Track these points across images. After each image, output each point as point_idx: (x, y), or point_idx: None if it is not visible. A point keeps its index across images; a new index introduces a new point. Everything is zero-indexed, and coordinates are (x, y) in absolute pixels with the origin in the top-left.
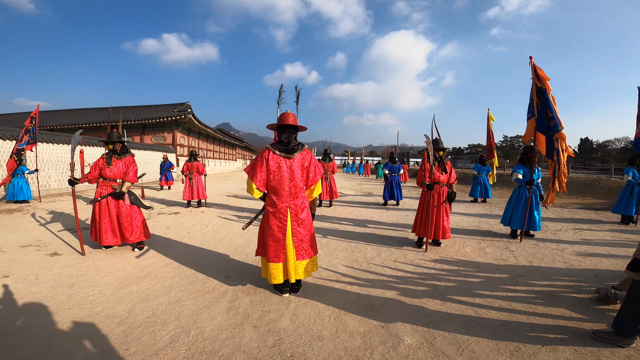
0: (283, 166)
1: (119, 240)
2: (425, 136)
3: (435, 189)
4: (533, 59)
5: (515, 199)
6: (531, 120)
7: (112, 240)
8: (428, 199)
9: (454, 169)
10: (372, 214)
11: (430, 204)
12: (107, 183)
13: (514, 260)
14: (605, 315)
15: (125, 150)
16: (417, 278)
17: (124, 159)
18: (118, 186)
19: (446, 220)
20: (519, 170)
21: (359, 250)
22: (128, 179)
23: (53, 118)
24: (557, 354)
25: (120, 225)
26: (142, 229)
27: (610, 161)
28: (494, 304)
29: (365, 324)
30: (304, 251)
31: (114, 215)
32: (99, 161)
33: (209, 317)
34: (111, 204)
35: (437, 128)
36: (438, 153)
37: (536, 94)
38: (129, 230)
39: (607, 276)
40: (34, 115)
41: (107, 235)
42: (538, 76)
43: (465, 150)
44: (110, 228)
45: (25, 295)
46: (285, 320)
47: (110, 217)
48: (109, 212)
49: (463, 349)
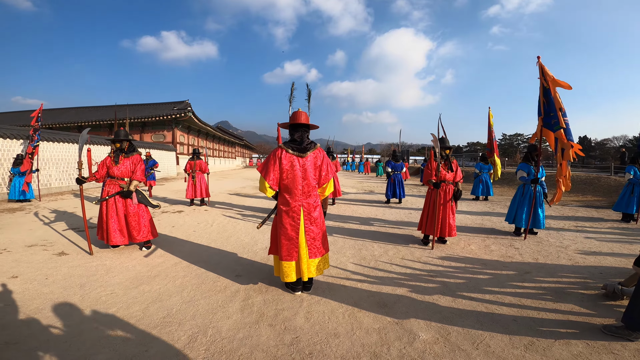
0: (296, 165)
1: (127, 239)
2: (432, 135)
3: (442, 187)
4: (540, 58)
5: (519, 197)
6: (539, 119)
7: (119, 239)
8: (434, 197)
9: (459, 168)
10: (375, 212)
11: (437, 202)
12: (115, 182)
13: (519, 257)
14: (613, 310)
15: (133, 148)
16: (426, 275)
17: (131, 158)
18: (126, 185)
19: (452, 218)
20: (524, 168)
21: (365, 248)
22: (136, 178)
23: (51, 116)
24: (570, 347)
25: (128, 225)
26: (149, 228)
27: (608, 159)
28: (504, 300)
29: (379, 320)
30: (316, 249)
31: (122, 215)
32: (106, 160)
33: (224, 317)
34: (119, 203)
35: (443, 127)
36: (444, 151)
37: (542, 94)
38: (136, 229)
39: (612, 273)
40: (39, 113)
41: (114, 235)
42: (545, 76)
43: (465, 149)
44: (117, 227)
45: (37, 296)
46: (300, 318)
47: (117, 216)
48: (116, 211)
49: (478, 343)
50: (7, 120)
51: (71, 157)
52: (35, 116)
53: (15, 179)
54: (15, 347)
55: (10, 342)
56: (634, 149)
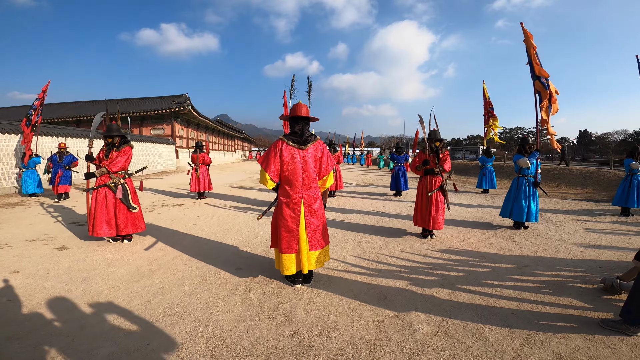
0: (297, 157)
1: (114, 231)
2: (419, 116)
3: (429, 179)
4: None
5: (514, 191)
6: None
7: (107, 231)
8: (422, 188)
9: (449, 160)
10: (375, 205)
11: (423, 193)
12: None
13: (518, 250)
14: (611, 304)
15: (125, 141)
16: (425, 268)
17: (122, 150)
18: (117, 178)
19: (436, 210)
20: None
21: (365, 240)
22: (105, 164)
23: (50, 111)
24: (568, 341)
25: (116, 217)
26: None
27: (608, 153)
28: (503, 294)
29: (379, 313)
30: (316, 241)
31: (112, 207)
32: (100, 154)
33: (224, 310)
34: (109, 195)
35: (436, 119)
36: (434, 144)
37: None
38: (124, 221)
39: (611, 267)
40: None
41: (101, 227)
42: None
43: (465, 142)
44: (105, 219)
45: (39, 290)
46: (300, 310)
47: (107, 208)
48: (106, 204)
49: (477, 336)
50: (4, 116)
51: (71, 151)
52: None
53: (25, 173)
54: (19, 342)
55: (14, 337)
56: (633, 143)
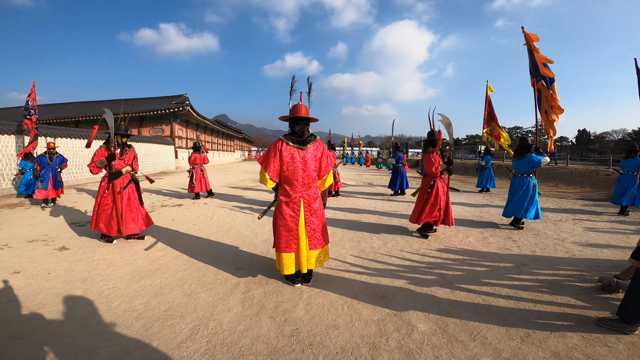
0: (296, 157)
1: (137, 227)
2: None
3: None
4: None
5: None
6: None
7: (133, 228)
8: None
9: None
10: (374, 204)
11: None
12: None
13: (517, 249)
14: (609, 303)
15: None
16: (424, 267)
17: (132, 150)
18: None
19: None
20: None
21: (364, 240)
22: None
23: (49, 112)
24: (565, 340)
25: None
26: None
27: (607, 153)
28: (501, 292)
29: (378, 312)
30: (316, 241)
31: (134, 204)
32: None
33: (224, 309)
34: (132, 194)
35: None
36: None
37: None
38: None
39: (609, 266)
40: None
41: (130, 224)
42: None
43: (464, 142)
44: (131, 217)
45: (40, 291)
46: (300, 310)
47: (130, 206)
48: (129, 202)
49: (475, 335)
50: (3, 116)
51: (70, 152)
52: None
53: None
54: (20, 342)
55: (15, 337)
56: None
